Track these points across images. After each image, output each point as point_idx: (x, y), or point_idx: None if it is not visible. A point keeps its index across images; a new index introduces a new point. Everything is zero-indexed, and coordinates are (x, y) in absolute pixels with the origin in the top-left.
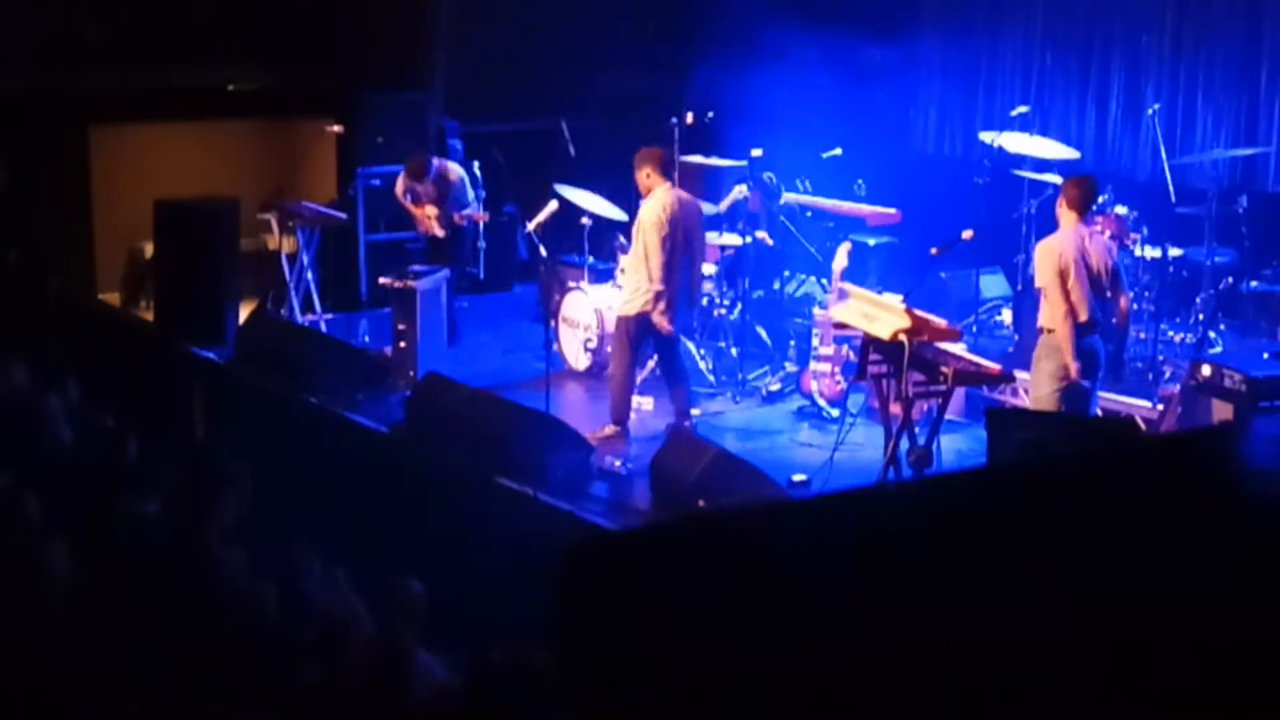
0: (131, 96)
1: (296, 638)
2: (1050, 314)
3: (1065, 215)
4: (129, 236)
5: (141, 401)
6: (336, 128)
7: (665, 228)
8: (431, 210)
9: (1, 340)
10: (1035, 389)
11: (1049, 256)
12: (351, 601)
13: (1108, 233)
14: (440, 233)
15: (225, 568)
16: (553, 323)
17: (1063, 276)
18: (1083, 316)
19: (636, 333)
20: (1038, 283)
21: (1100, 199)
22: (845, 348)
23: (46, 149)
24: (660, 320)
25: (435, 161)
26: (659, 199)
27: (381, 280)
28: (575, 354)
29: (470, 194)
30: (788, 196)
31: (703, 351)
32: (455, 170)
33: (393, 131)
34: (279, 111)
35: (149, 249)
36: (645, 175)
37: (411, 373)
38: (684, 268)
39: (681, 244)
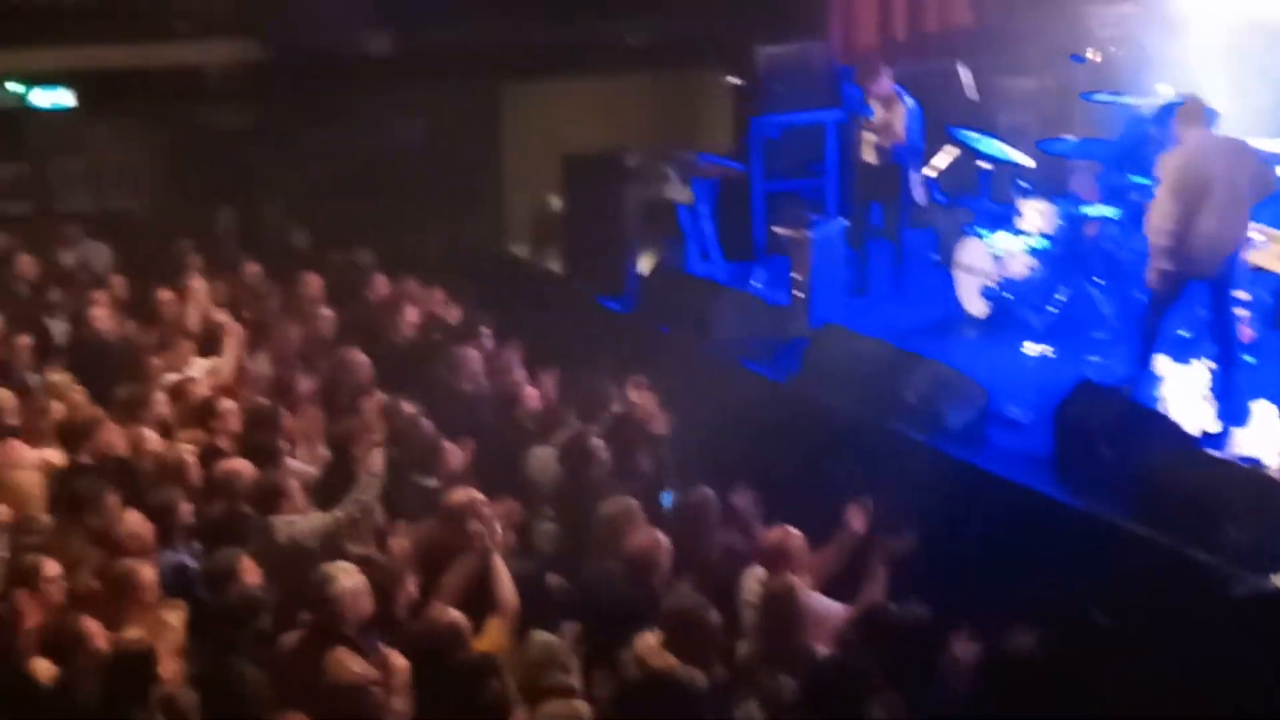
0: (537, 52)
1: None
2: None
3: None
4: (535, 189)
5: (551, 351)
6: (735, 79)
7: (1170, 184)
8: (870, 137)
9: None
10: None
11: None
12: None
13: None
14: (871, 159)
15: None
16: (950, 269)
17: None
18: None
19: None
20: None
21: None
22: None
23: (461, 106)
24: (1149, 274)
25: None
26: (1165, 157)
27: (777, 229)
28: (972, 300)
29: (909, 132)
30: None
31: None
32: (906, 103)
33: (789, 80)
34: (677, 63)
35: (554, 201)
36: (1175, 133)
37: (807, 321)
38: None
39: (1200, 192)
